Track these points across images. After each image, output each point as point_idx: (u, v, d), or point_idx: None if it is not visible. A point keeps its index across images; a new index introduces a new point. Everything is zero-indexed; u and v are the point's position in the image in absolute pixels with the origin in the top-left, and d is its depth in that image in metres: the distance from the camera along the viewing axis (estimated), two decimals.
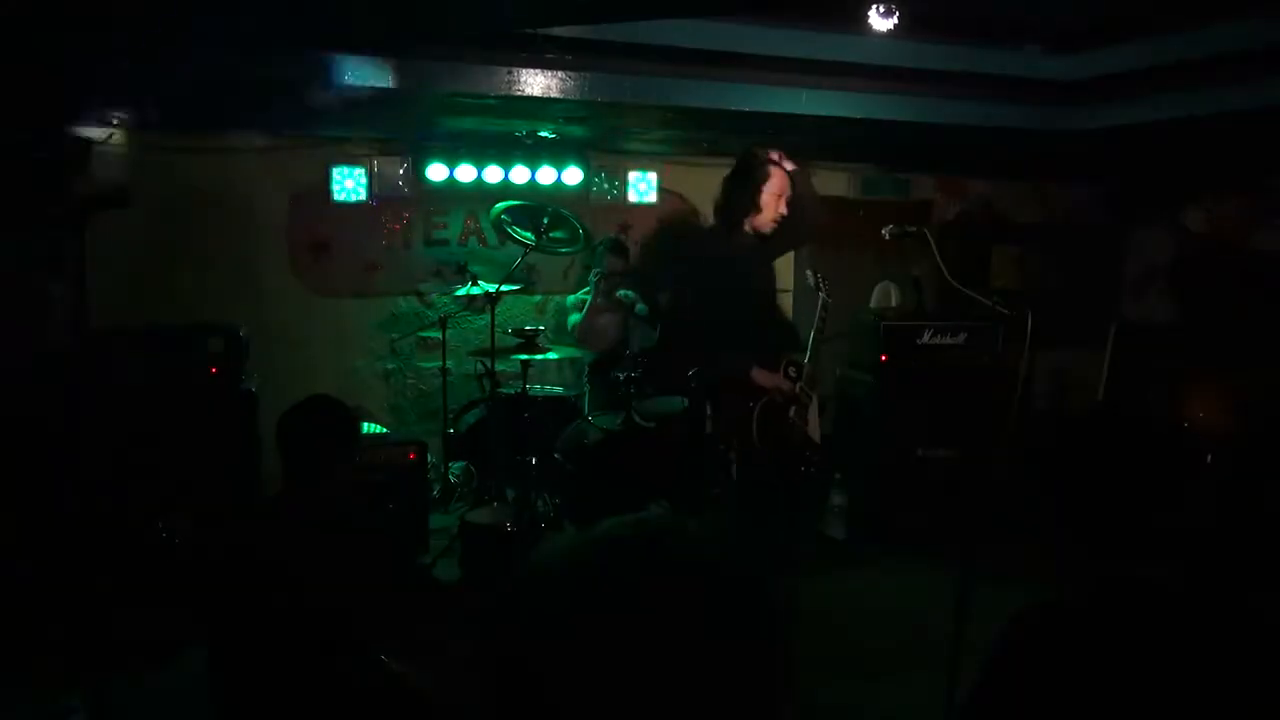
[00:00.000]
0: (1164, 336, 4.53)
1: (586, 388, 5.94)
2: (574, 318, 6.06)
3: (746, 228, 3.89)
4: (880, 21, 3.69)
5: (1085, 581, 1.66)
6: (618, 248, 6.08)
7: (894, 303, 6.46)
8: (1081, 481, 1.75)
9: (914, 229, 3.67)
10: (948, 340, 5.62)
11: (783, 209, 3.82)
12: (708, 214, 6.80)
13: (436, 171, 6.16)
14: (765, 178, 3.80)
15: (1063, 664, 1.51)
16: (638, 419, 5.28)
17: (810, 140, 5.84)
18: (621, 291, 5.95)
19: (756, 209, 3.82)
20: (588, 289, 6.09)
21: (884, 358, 5.51)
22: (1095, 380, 4.92)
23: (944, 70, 4.77)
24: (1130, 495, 1.69)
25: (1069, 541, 1.73)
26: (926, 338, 5.60)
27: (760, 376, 3.94)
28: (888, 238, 3.63)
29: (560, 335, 6.49)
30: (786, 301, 6.39)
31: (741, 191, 3.84)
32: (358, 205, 6.16)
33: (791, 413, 3.98)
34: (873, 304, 6.48)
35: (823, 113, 4.83)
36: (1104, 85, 4.92)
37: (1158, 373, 4.51)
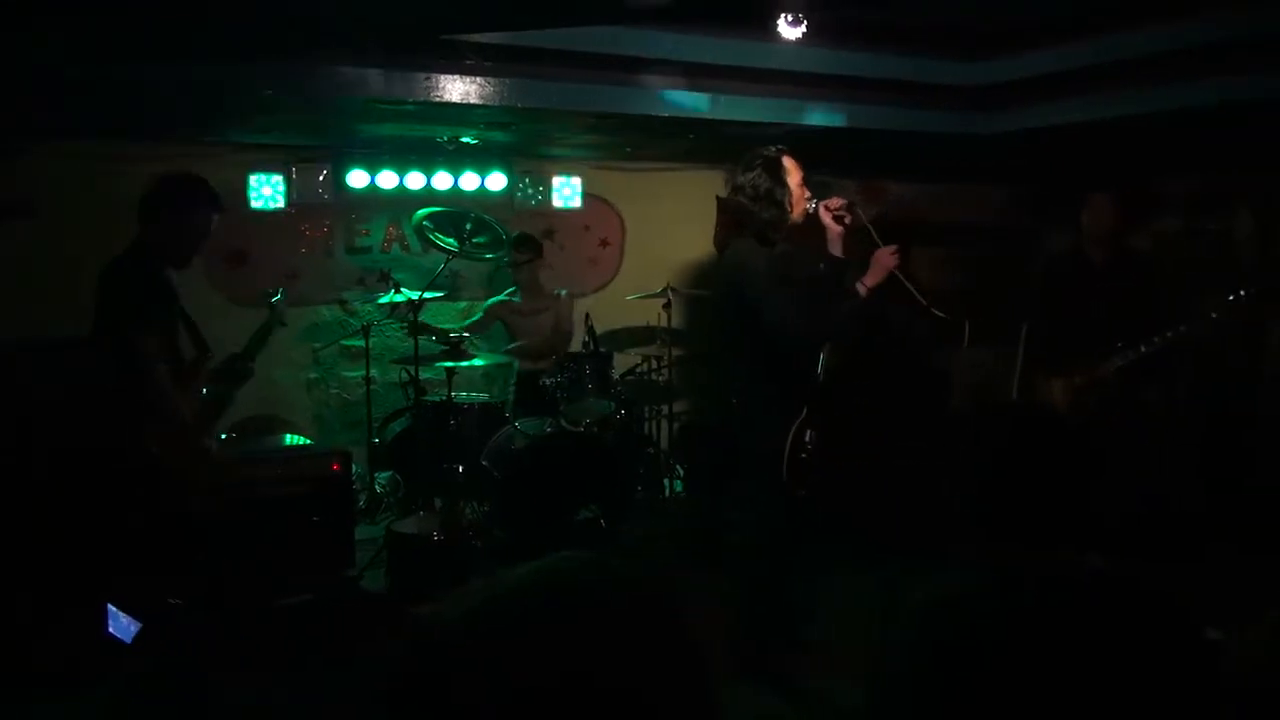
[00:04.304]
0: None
1: (513, 394, 5.90)
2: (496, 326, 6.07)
3: (785, 230, 3.64)
4: (789, 30, 3.73)
5: (996, 570, 1.71)
6: (523, 241, 6.04)
7: None
8: (993, 475, 1.81)
9: (844, 211, 3.70)
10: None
11: (808, 192, 3.68)
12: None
13: (357, 178, 6.08)
14: (784, 170, 3.62)
15: (977, 649, 1.55)
16: (565, 423, 5.28)
17: (729, 145, 5.91)
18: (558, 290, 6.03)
19: (790, 207, 3.65)
20: (511, 290, 6.07)
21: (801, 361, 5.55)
22: (1009, 377, 5.07)
23: (859, 76, 4.87)
24: (1038, 486, 1.75)
25: (986, 533, 1.79)
26: None
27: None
28: (812, 209, 3.65)
29: (492, 342, 6.47)
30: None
31: (774, 191, 3.55)
32: (276, 213, 6.05)
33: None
34: None
35: (739, 118, 4.89)
36: (1015, 90, 5.07)
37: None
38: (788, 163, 3.64)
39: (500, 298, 6.10)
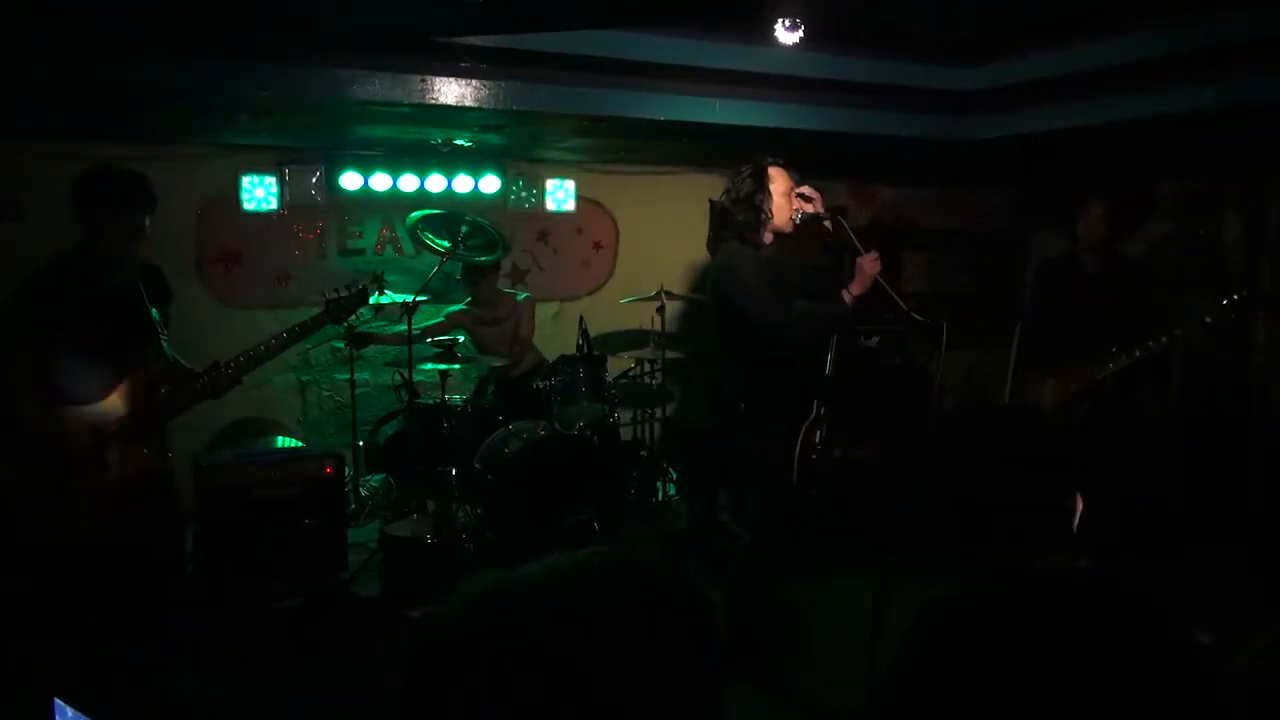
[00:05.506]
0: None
1: (492, 400, 5.83)
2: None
3: (768, 237, 3.69)
4: (786, 35, 3.75)
5: (990, 571, 1.72)
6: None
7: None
8: (985, 476, 1.81)
9: (827, 219, 3.74)
10: (862, 343, 5.73)
11: (800, 205, 3.72)
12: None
13: (350, 180, 6.06)
14: (768, 178, 3.67)
15: (970, 652, 1.56)
16: (559, 426, 5.27)
17: (724, 148, 5.92)
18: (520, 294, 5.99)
19: (769, 213, 3.65)
20: (469, 300, 6.02)
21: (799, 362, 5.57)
22: (1002, 380, 5.10)
23: (851, 81, 4.88)
24: (1030, 487, 1.75)
25: (978, 534, 1.79)
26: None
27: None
28: (799, 220, 3.70)
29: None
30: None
31: (754, 197, 3.62)
32: (269, 215, 6.03)
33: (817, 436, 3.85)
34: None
35: (734, 122, 4.89)
36: (1007, 94, 5.09)
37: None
38: (774, 171, 3.69)
39: (459, 306, 6.05)
